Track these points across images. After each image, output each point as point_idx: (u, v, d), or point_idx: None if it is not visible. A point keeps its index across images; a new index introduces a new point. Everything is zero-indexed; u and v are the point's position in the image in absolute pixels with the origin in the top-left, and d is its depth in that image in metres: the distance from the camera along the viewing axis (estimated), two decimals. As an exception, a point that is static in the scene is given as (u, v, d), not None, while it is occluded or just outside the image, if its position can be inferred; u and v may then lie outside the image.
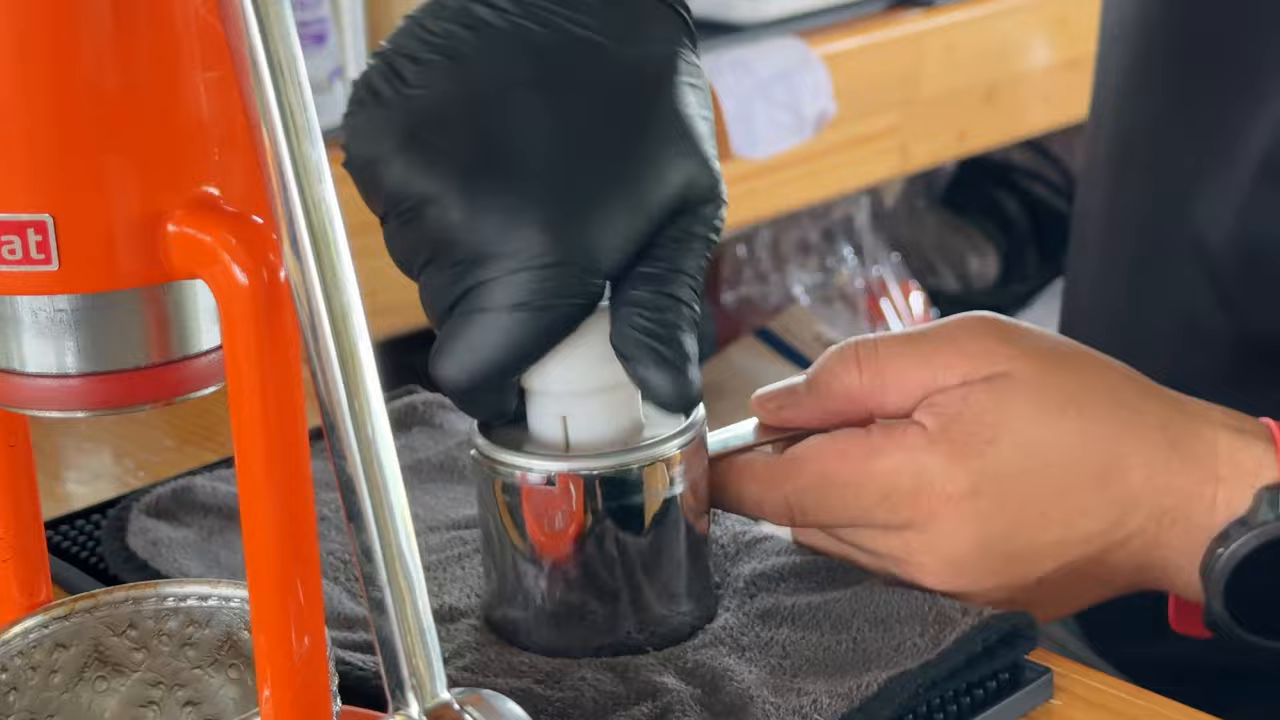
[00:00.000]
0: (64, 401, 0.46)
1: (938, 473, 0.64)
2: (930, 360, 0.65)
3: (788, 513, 0.66)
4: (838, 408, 0.66)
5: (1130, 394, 0.67)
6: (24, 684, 0.54)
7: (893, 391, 0.66)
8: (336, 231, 0.43)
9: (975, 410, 0.64)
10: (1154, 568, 0.67)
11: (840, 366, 0.66)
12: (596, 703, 0.60)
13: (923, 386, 0.65)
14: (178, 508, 0.74)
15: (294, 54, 0.43)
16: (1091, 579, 0.67)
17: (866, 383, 0.66)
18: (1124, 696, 0.64)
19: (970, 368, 0.65)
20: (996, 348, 0.66)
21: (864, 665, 0.61)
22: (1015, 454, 0.64)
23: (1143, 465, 0.65)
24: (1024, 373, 0.65)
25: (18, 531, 0.54)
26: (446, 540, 0.71)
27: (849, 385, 0.66)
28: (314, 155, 0.42)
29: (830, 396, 0.66)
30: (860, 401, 0.66)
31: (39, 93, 0.43)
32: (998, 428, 0.64)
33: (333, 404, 0.42)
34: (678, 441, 0.63)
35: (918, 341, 0.66)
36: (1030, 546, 0.65)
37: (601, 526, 0.62)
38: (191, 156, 0.45)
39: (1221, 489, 0.65)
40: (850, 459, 0.65)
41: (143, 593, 0.56)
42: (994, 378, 0.65)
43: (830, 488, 0.65)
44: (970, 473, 0.64)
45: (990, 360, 0.65)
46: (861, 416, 0.66)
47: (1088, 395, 0.66)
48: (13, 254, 0.44)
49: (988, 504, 0.64)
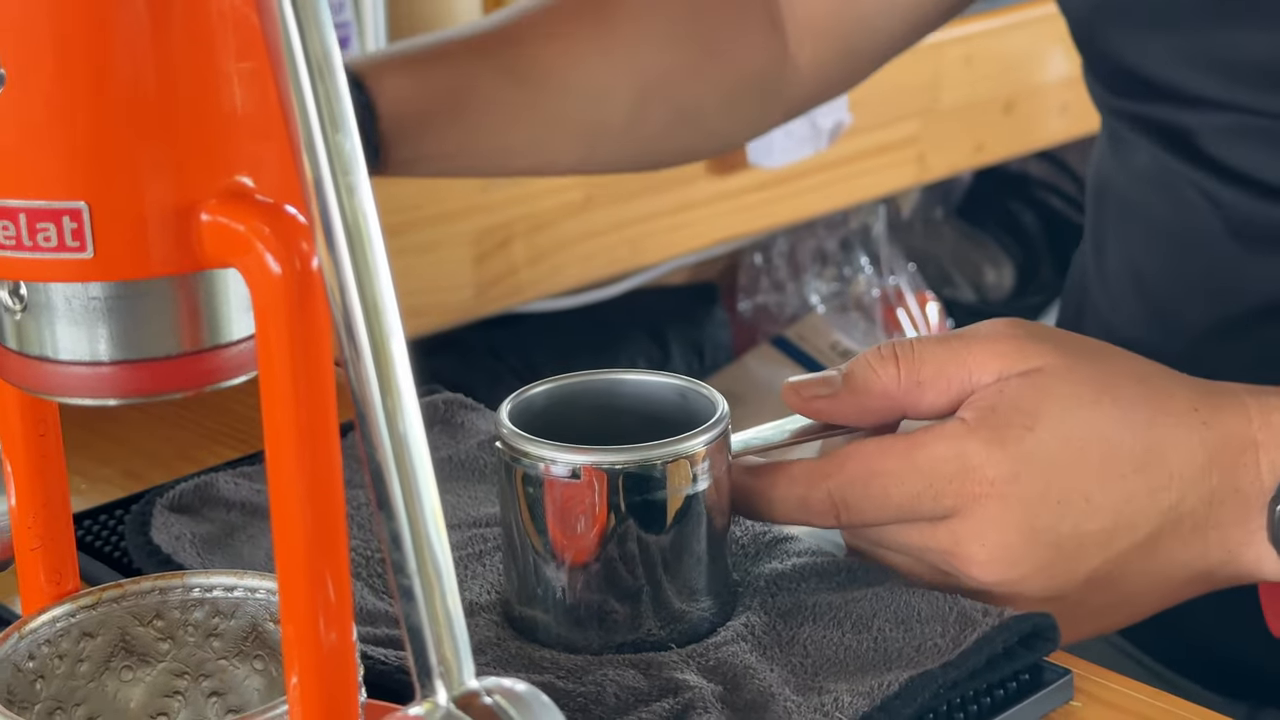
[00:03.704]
0: (96, 389, 0.46)
1: (980, 458, 0.64)
2: (965, 360, 0.66)
3: (832, 509, 0.66)
4: (874, 405, 0.67)
5: (1159, 381, 0.67)
6: (51, 672, 0.54)
7: (929, 390, 0.66)
8: (370, 222, 0.43)
9: (1012, 400, 0.65)
10: (1212, 552, 0.67)
11: (879, 364, 0.67)
12: (619, 698, 0.60)
13: (959, 385, 0.66)
14: (200, 503, 0.74)
15: (329, 46, 0.43)
16: (1145, 575, 0.67)
17: (904, 381, 0.66)
18: (1144, 699, 0.64)
19: (1004, 365, 0.66)
20: (1028, 345, 0.66)
21: (885, 664, 0.62)
22: (1054, 440, 0.65)
23: (1180, 447, 0.65)
24: (1057, 366, 0.66)
25: (47, 520, 0.54)
26: (467, 538, 0.71)
27: (887, 384, 0.66)
28: (348, 146, 0.43)
29: (868, 394, 0.67)
30: (897, 400, 0.67)
31: (75, 82, 0.43)
32: (1035, 415, 0.65)
33: (364, 393, 0.43)
34: (702, 439, 0.63)
35: (952, 342, 0.67)
36: (1077, 535, 0.65)
37: (624, 521, 0.62)
38: (225, 146, 0.45)
39: (1263, 453, 0.66)
40: (893, 451, 0.65)
41: (169, 583, 0.56)
42: (1028, 372, 0.65)
43: (873, 479, 0.65)
44: (1011, 457, 0.64)
45: (1023, 356, 0.66)
46: (895, 416, 0.67)
47: (1119, 384, 0.66)
48: (48, 241, 0.44)
49: (1030, 488, 0.64)
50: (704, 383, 0.67)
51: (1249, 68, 0.82)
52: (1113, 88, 0.91)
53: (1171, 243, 0.88)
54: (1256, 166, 0.83)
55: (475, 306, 1.54)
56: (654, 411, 0.67)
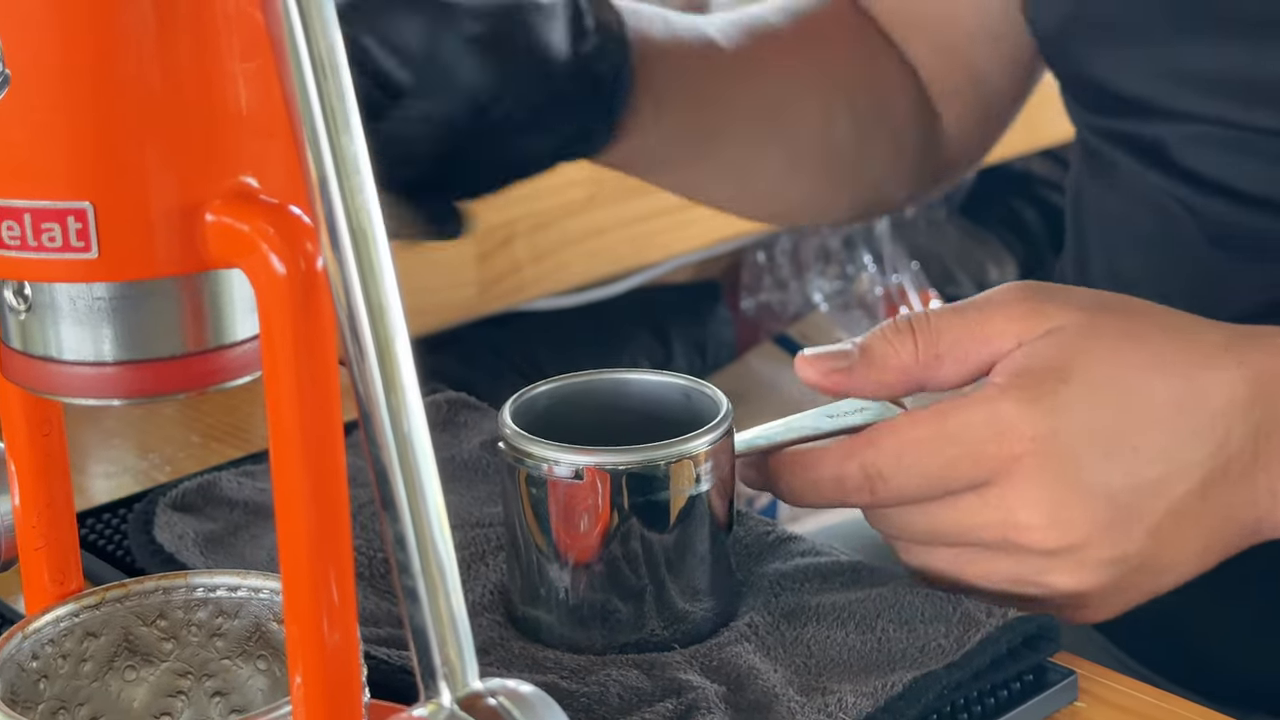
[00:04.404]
0: (100, 389, 0.46)
1: (1015, 416, 0.63)
2: (983, 329, 0.65)
3: (867, 484, 0.65)
4: (891, 380, 0.66)
5: (1184, 324, 0.67)
6: (54, 672, 0.54)
7: (947, 362, 0.65)
8: (375, 222, 0.43)
9: (1041, 359, 0.64)
10: (1261, 498, 0.65)
11: (896, 338, 0.66)
12: (622, 698, 0.60)
13: (978, 356, 0.65)
14: (204, 503, 0.74)
15: (334, 45, 0.43)
16: (1203, 525, 0.65)
17: (923, 355, 0.65)
18: (1149, 700, 0.64)
19: (1023, 329, 0.65)
20: (1045, 306, 0.65)
21: (889, 665, 0.62)
22: (1090, 391, 0.63)
23: (1219, 385, 0.64)
24: (1079, 322, 0.65)
25: (50, 520, 0.54)
26: (470, 538, 0.71)
27: (904, 358, 0.66)
28: (352, 147, 0.43)
29: (885, 368, 0.66)
30: (914, 374, 0.66)
31: (80, 82, 0.43)
32: (1067, 370, 0.63)
33: (369, 393, 0.43)
34: (706, 439, 0.63)
35: (968, 312, 0.66)
36: (1131, 486, 0.63)
37: (627, 522, 0.62)
38: (230, 146, 0.45)
39: None
40: (925, 420, 0.64)
41: (173, 583, 0.56)
42: (1051, 331, 0.64)
43: (907, 448, 0.64)
44: (1047, 411, 0.63)
45: (1042, 318, 0.65)
46: (913, 390, 0.66)
47: (1147, 331, 0.65)
48: (53, 241, 0.44)
49: (1073, 442, 0.63)
50: (707, 382, 0.67)
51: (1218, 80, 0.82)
52: (1085, 103, 0.92)
53: (1152, 254, 0.88)
54: (1232, 175, 0.83)
55: (478, 305, 1.54)
56: (658, 411, 0.67)
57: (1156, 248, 0.87)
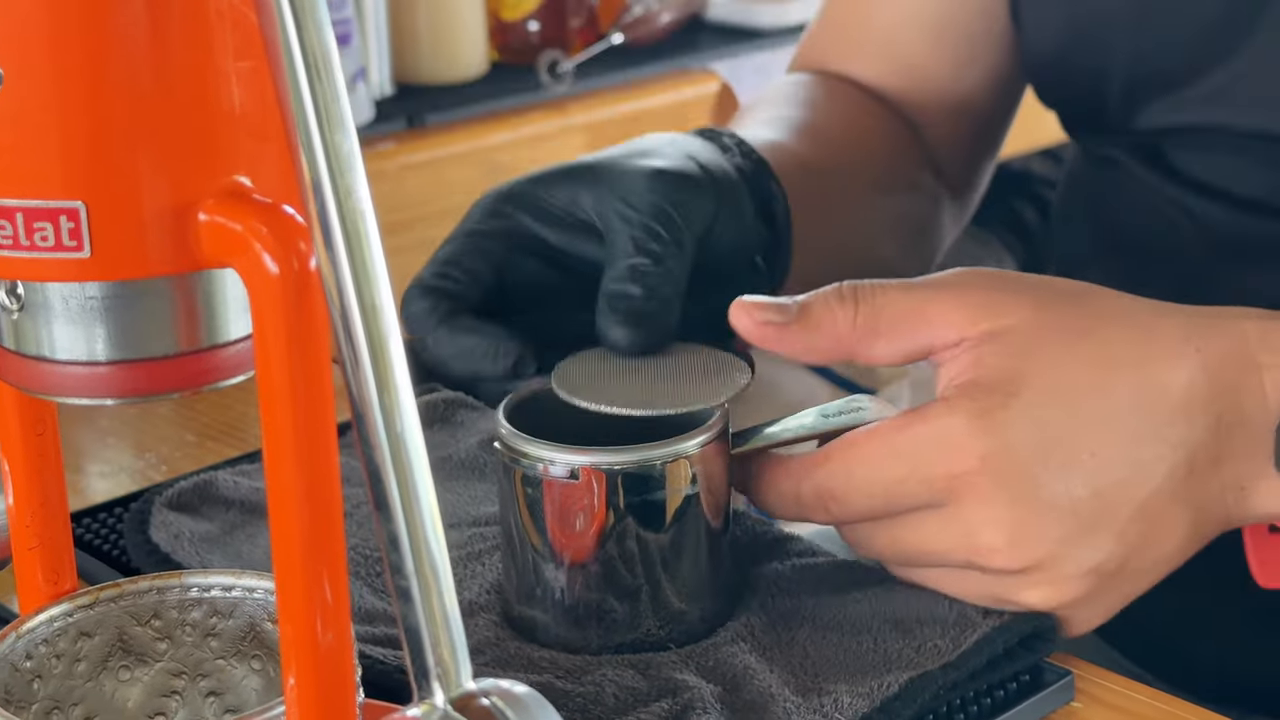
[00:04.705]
0: (93, 388, 0.46)
1: (964, 434, 0.61)
2: (927, 311, 0.63)
3: (821, 503, 0.64)
4: (822, 345, 0.64)
5: (1144, 315, 0.65)
6: (48, 672, 0.54)
7: (883, 339, 0.64)
8: (368, 222, 0.43)
9: (989, 370, 0.62)
10: (1228, 491, 0.64)
11: (838, 304, 0.64)
12: (618, 698, 0.60)
13: (916, 338, 0.63)
14: (199, 502, 0.74)
15: (327, 45, 0.43)
16: (1172, 523, 0.63)
17: (860, 326, 0.64)
18: (1144, 700, 0.64)
19: (967, 320, 0.63)
20: (996, 298, 0.63)
21: (885, 666, 0.61)
22: (1042, 400, 0.62)
23: (1178, 379, 0.63)
24: (1029, 319, 0.63)
25: (44, 519, 0.54)
26: (467, 537, 0.71)
27: (840, 325, 0.64)
28: (346, 146, 0.43)
29: (819, 333, 0.64)
30: (846, 343, 0.64)
31: (73, 81, 0.43)
32: (1017, 379, 0.62)
33: (362, 394, 0.43)
34: (701, 438, 0.63)
35: (916, 291, 0.64)
36: (1095, 495, 0.62)
37: (622, 521, 0.62)
38: (223, 146, 0.45)
39: (1266, 375, 0.63)
40: (875, 435, 0.63)
41: (167, 583, 0.56)
42: (999, 332, 0.63)
43: (857, 466, 0.63)
44: (997, 427, 0.61)
45: (990, 311, 0.63)
46: (843, 358, 0.65)
47: (1101, 325, 0.64)
48: (45, 241, 0.44)
49: (1026, 457, 0.61)
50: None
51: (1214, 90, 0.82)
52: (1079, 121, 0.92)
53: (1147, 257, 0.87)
54: (1226, 179, 0.83)
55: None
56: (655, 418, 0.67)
57: (1152, 251, 0.87)
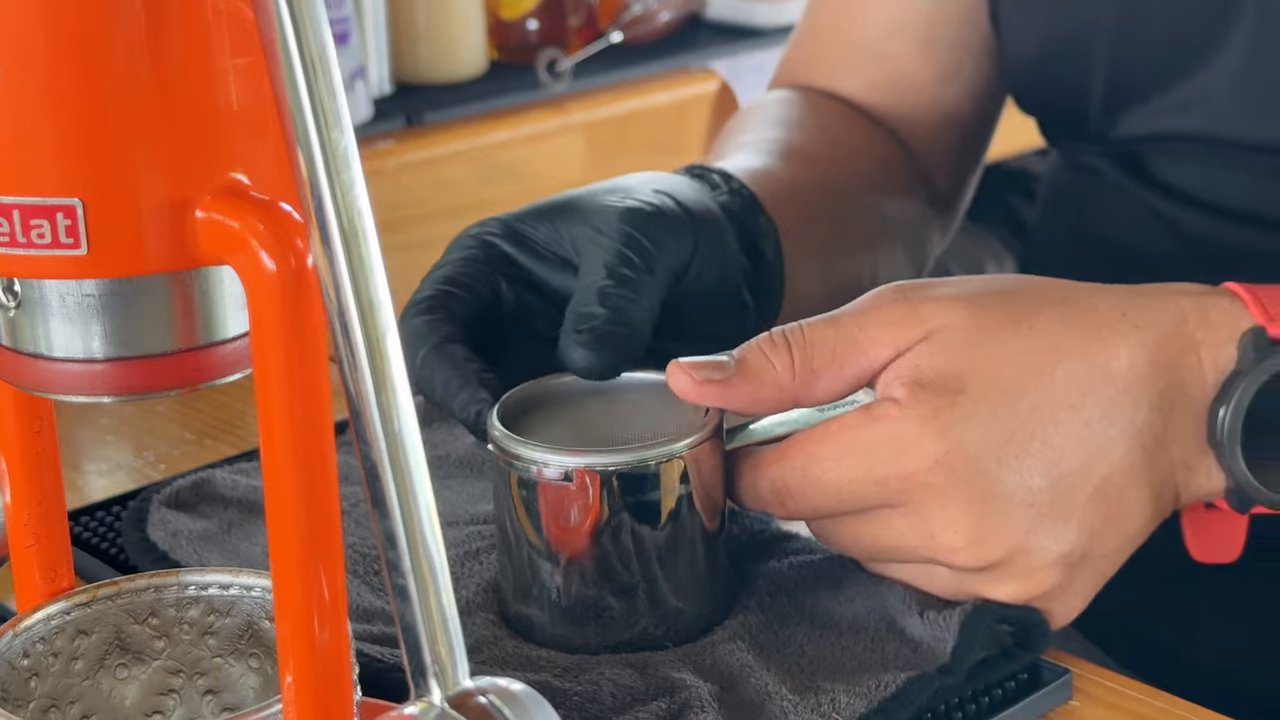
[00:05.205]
0: (90, 386, 0.46)
1: (913, 435, 0.61)
2: (857, 338, 0.63)
3: (777, 498, 0.64)
4: (767, 395, 0.64)
5: (1080, 297, 0.65)
6: (45, 670, 0.54)
7: (823, 377, 0.64)
8: (365, 219, 0.43)
9: (932, 371, 0.62)
10: (1176, 471, 0.64)
11: (772, 352, 0.64)
12: (615, 697, 0.60)
13: (855, 368, 0.63)
14: (197, 500, 0.74)
15: (324, 42, 0.43)
16: (1130, 505, 0.63)
17: (799, 370, 0.63)
18: (1142, 698, 0.64)
19: (899, 334, 0.63)
20: (921, 307, 0.63)
21: (882, 665, 0.61)
22: (988, 393, 0.62)
23: (1119, 359, 0.63)
24: (961, 318, 0.63)
25: (42, 517, 0.54)
26: (465, 535, 0.71)
27: (780, 374, 0.63)
28: (343, 143, 0.43)
29: (760, 383, 0.64)
30: (790, 390, 0.64)
31: (70, 78, 0.43)
32: (961, 375, 0.62)
33: (359, 391, 0.42)
34: (695, 437, 0.63)
35: (842, 322, 0.64)
36: (1052, 484, 0.62)
37: (618, 522, 0.62)
38: (220, 143, 0.45)
39: (1204, 351, 0.63)
40: (829, 433, 0.63)
41: (164, 581, 0.56)
42: (932, 334, 0.63)
43: (811, 464, 0.63)
44: (947, 426, 0.61)
45: (918, 320, 0.63)
46: (789, 405, 0.64)
47: (1037, 312, 0.64)
48: (42, 238, 0.44)
49: (978, 453, 0.61)
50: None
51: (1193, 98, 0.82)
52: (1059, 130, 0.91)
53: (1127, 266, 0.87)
54: (1206, 187, 0.83)
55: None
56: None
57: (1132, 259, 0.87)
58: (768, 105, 0.96)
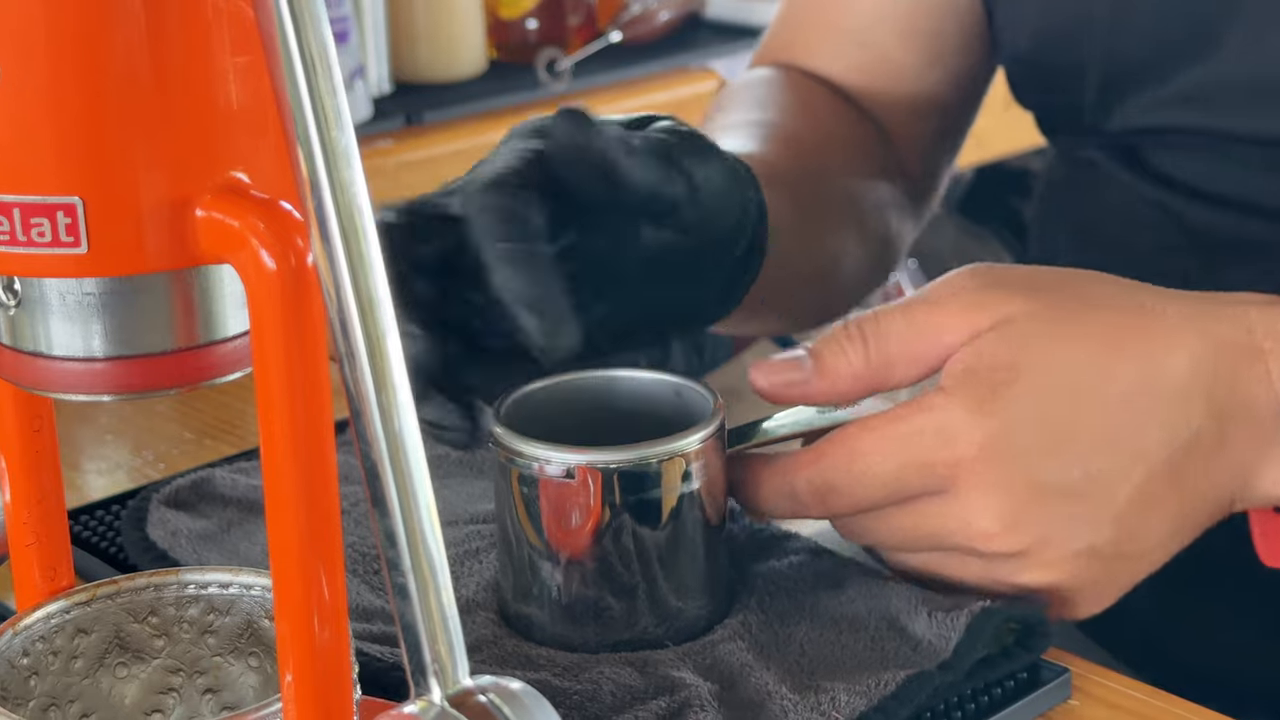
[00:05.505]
0: (90, 385, 0.46)
1: (961, 423, 0.61)
2: (932, 327, 0.64)
3: (819, 497, 0.64)
4: (845, 388, 0.65)
5: (1146, 298, 0.65)
6: (45, 669, 0.54)
7: (899, 365, 0.64)
8: (365, 218, 0.43)
9: (988, 359, 0.62)
10: (1231, 478, 0.64)
11: (848, 344, 0.64)
12: (615, 696, 0.60)
13: (931, 354, 0.64)
14: (197, 499, 0.74)
15: (324, 41, 0.43)
16: (1172, 508, 0.63)
17: (874, 359, 0.64)
18: (1142, 697, 0.64)
19: (974, 320, 0.63)
20: (993, 294, 0.64)
21: (882, 664, 0.61)
22: (1039, 387, 0.62)
23: (1181, 362, 0.63)
24: (1027, 309, 0.63)
25: (41, 516, 0.54)
26: (465, 534, 0.71)
27: (856, 365, 0.64)
28: (343, 141, 0.43)
29: (838, 377, 0.64)
30: (867, 381, 0.64)
31: (70, 77, 0.43)
32: (1014, 368, 0.62)
33: (359, 389, 0.42)
34: (697, 436, 0.63)
35: (915, 309, 0.64)
36: (1090, 478, 0.62)
37: (619, 520, 0.62)
38: (221, 142, 0.45)
39: (1272, 361, 0.63)
40: (873, 428, 0.63)
41: (164, 580, 0.56)
42: (999, 324, 0.63)
43: (855, 459, 0.63)
44: (994, 417, 0.61)
45: (991, 307, 0.63)
46: (868, 394, 0.65)
47: (1100, 310, 0.64)
48: (42, 236, 0.44)
49: (1022, 443, 0.61)
50: (700, 380, 0.67)
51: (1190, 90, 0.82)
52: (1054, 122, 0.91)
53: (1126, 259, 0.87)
54: (1203, 179, 0.82)
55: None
56: (649, 409, 0.67)
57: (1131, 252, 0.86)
58: (752, 85, 0.96)
